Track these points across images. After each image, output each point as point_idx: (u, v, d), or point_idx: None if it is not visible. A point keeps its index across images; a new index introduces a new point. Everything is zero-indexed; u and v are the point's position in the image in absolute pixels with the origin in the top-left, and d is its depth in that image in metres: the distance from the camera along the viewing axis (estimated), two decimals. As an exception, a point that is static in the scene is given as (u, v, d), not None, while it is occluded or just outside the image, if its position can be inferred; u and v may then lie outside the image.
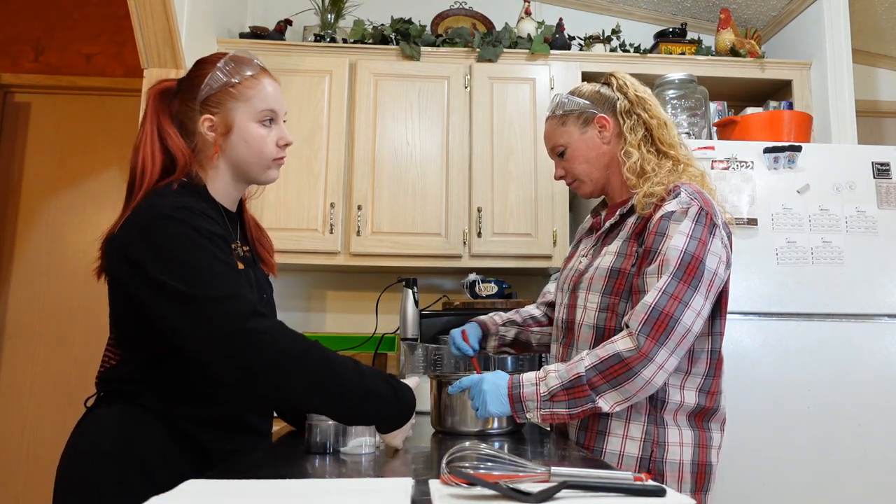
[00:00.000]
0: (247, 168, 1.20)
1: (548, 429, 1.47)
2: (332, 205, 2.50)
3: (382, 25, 2.76)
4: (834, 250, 2.13)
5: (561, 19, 2.85)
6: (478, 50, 2.66)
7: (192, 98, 1.17)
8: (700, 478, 1.27)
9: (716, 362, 1.31)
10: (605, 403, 1.18)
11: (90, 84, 3.15)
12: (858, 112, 2.69)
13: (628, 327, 1.20)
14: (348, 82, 2.60)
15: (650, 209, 1.29)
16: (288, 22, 2.81)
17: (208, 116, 1.16)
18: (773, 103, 2.74)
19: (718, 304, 1.29)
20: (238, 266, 1.15)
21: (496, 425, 1.29)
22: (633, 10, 3.16)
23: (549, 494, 0.72)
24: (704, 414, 1.30)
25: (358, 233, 2.50)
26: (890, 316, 2.11)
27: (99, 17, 3.21)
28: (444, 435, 1.31)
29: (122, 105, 3.11)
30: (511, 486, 0.74)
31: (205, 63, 1.19)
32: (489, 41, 2.67)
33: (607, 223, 1.41)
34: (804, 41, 2.81)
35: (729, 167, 2.17)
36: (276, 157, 1.22)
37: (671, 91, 2.47)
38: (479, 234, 2.52)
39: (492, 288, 2.54)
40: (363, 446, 1.07)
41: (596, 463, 1.08)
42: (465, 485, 0.76)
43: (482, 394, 1.22)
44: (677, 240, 1.22)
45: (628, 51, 2.83)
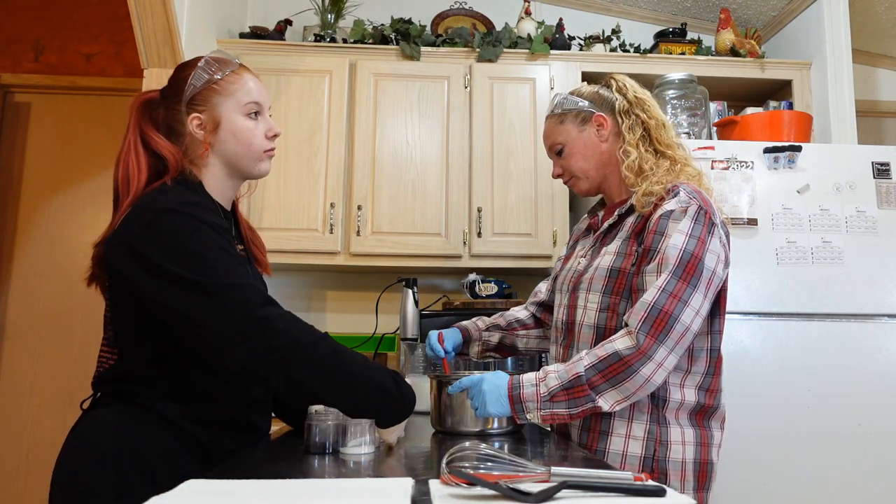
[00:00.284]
0: (238, 162, 1.22)
1: (548, 429, 1.47)
2: (332, 205, 2.50)
3: (382, 25, 2.76)
4: (834, 250, 2.13)
5: (561, 19, 2.85)
6: (478, 50, 2.66)
7: (178, 100, 1.19)
8: (702, 476, 1.27)
9: (715, 360, 1.32)
10: (605, 402, 1.18)
11: (90, 84, 3.16)
12: (858, 112, 2.69)
13: (627, 326, 1.20)
14: (348, 82, 2.60)
15: (649, 208, 1.30)
16: (288, 22, 2.81)
17: (196, 115, 1.18)
18: (773, 103, 2.74)
19: (717, 303, 1.30)
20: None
21: (496, 425, 1.29)
22: (633, 10, 3.16)
23: (549, 494, 0.72)
24: (705, 412, 1.30)
25: (358, 233, 2.50)
26: (890, 316, 2.11)
27: (99, 17, 3.21)
28: (444, 435, 1.31)
29: (123, 105, 3.10)
30: (511, 486, 0.74)
31: (185, 66, 1.22)
32: (489, 41, 2.67)
33: (606, 223, 1.41)
34: (804, 41, 2.81)
35: (729, 167, 2.17)
36: (267, 149, 1.24)
37: (671, 91, 2.47)
38: (479, 234, 2.52)
39: (492, 288, 2.54)
40: (363, 446, 1.07)
41: (596, 463, 1.08)
42: (465, 485, 0.76)
43: (482, 394, 1.23)
44: (676, 238, 1.22)
45: (628, 51, 2.83)
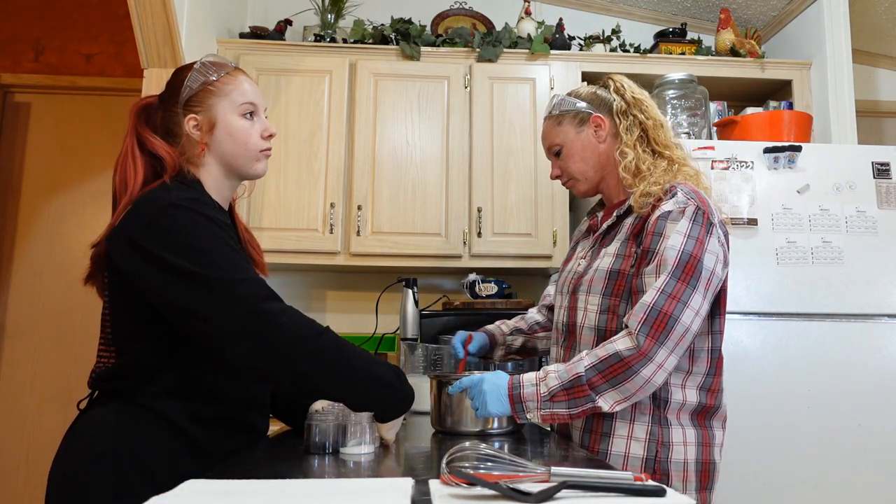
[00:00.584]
0: (234, 161, 1.23)
1: (548, 429, 1.47)
2: (332, 205, 2.50)
3: (382, 25, 2.76)
4: (834, 250, 2.13)
5: (561, 19, 2.85)
6: (478, 50, 2.66)
7: (175, 103, 1.21)
8: (704, 476, 1.27)
9: (716, 361, 1.32)
10: (605, 403, 1.18)
11: (90, 84, 3.16)
12: (858, 112, 2.69)
13: (627, 327, 1.20)
14: (348, 82, 2.59)
15: (647, 209, 1.30)
16: (288, 22, 2.81)
17: (192, 116, 1.20)
18: (773, 103, 2.74)
19: (717, 303, 1.30)
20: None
21: (496, 425, 1.29)
22: (633, 10, 3.16)
23: (549, 494, 0.72)
24: (706, 412, 1.30)
25: (358, 233, 2.50)
26: (890, 316, 2.11)
27: (99, 17, 3.21)
28: (444, 435, 1.31)
29: (123, 105, 3.11)
30: (511, 486, 0.74)
31: (182, 69, 1.25)
32: (489, 41, 2.67)
33: (604, 225, 1.41)
34: (804, 41, 2.81)
35: (729, 167, 2.16)
36: (263, 149, 1.25)
37: (671, 91, 2.47)
38: (479, 234, 2.52)
39: (492, 288, 2.54)
40: (362, 446, 1.07)
41: (596, 463, 1.08)
42: (465, 485, 0.76)
43: (482, 394, 1.23)
44: (675, 239, 1.22)
45: (628, 51, 2.83)
